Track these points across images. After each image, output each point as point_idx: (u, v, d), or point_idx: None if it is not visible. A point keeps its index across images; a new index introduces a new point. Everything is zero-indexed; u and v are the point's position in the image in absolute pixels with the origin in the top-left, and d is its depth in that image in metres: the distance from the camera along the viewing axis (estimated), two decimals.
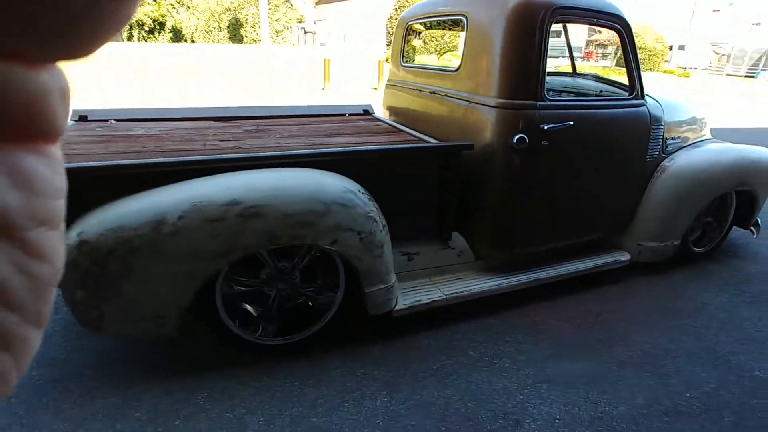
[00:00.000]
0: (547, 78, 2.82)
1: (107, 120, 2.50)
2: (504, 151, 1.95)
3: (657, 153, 2.45)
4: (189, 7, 21.49)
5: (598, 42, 33.60)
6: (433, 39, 15.41)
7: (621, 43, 2.18)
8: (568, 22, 2.08)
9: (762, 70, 22.77)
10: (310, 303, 1.90)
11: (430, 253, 2.13)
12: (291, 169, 1.67)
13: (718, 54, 25.01)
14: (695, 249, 2.80)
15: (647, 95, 2.47)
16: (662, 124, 2.40)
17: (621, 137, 2.23)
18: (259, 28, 21.41)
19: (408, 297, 1.99)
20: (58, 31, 0.13)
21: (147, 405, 1.58)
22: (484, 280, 2.16)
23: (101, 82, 8.83)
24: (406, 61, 2.79)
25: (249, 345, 1.79)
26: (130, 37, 20.28)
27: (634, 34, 2.27)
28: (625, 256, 2.52)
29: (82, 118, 2.48)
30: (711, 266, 2.81)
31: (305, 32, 23.79)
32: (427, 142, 2.19)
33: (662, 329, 2.13)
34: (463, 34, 2.12)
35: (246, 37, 21.77)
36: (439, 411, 1.60)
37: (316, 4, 25.45)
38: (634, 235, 2.54)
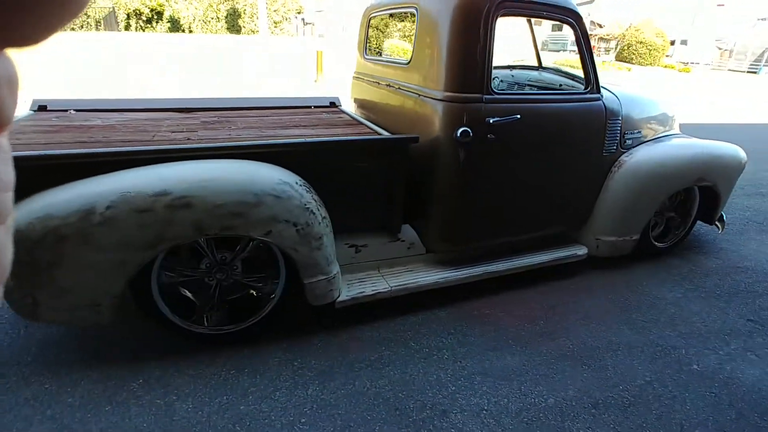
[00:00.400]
0: (510, 72, 2.84)
1: (67, 110, 2.51)
2: (449, 145, 1.95)
3: (614, 148, 2.44)
4: None
5: (601, 36, 33.32)
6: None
7: (575, 36, 2.16)
8: (516, 15, 2.06)
9: (765, 65, 22.52)
10: (254, 293, 1.92)
11: (378, 246, 2.14)
12: (225, 161, 1.68)
13: (720, 49, 24.73)
14: (657, 244, 2.81)
15: (606, 89, 2.47)
16: (620, 118, 2.39)
17: (573, 131, 2.23)
18: (257, 18, 21.29)
19: (353, 288, 2.01)
20: (5, 20, 0.13)
21: (81, 391, 1.61)
22: (433, 273, 2.17)
23: (96, 71, 8.83)
24: (369, 53, 2.78)
25: (189, 334, 1.81)
26: (127, 27, 20.22)
27: (634, 28, 2.25)
28: (582, 251, 2.52)
29: (42, 108, 2.49)
30: (672, 261, 2.81)
31: (304, 23, 23.64)
32: (380, 135, 2.19)
33: (609, 323, 2.14)
34: (415, 27, 2.11)
35: (244, 27, 21.67)
36: (369, 400, 1.62)
37: None
38: (592, 229, 2.54)
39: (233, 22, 21.84)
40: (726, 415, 1.62)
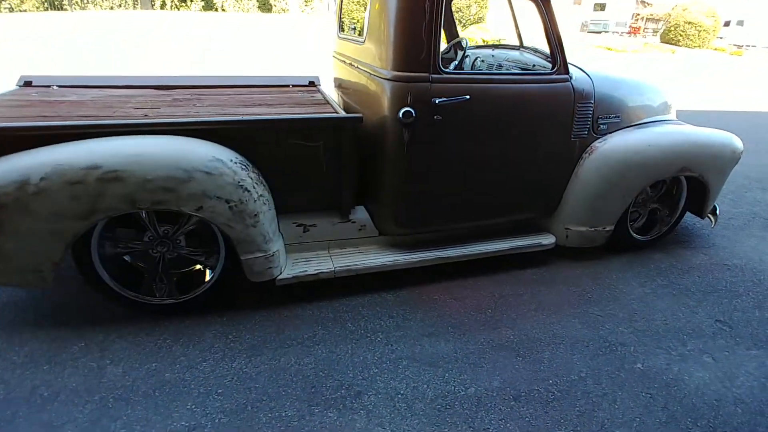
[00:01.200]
0: (492, 51, 2.73)
1: (50, 86, 2.62)
2: (394, 125, 1.91)
3: (586, 132, 2.31)
4: None
5: (650, 17, 31.25)
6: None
7: (540, 15, 2.05)
8: None
9: None
10: (199, 267, 1.98)
11: (328, 226, 2.15)
12: (161, 137, 1.72)
13: None
14: (637, 237, 2.67)
15: (581, 70, 2.33)
16: (592, 101, 2.26)
17: (534, 113, 2.12)
18: None
19: (297, 267, 2.03)
20: None
21: (27, 350, 1.72)
22: (382, 256, 2.16)
23: (120, 50, 9.14)
24: (342, 31, 2.74)
25: (132, 303, 1.89)
26: (163, 5, 20.67)
27: (682, 7, 2.10)
28: (548, 240, 2.44)
29: (27, 83, 2.61)
30: (653, 255, 2.67)
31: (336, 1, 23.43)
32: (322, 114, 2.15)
33: (560, 316, 2.07)
34: (368, 3, 2.06)
35: (275, 6, 21.70)
36: (289, 377, 1.65)
37: None
38: (562, 218, 2.44)
39: (264, 1, 21.90)
40: (655, 417, 1.55)
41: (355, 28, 3.12)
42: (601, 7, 28.67)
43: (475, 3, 15.92)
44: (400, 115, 1.86)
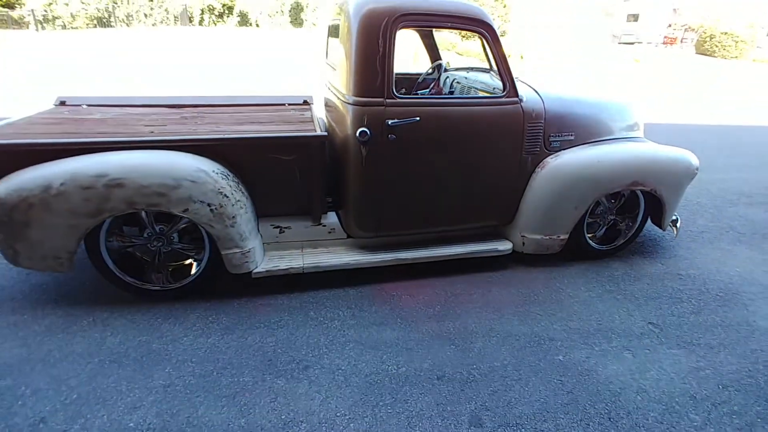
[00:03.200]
0: (465, 74, 3.01)
1: (80, 105, 3.09)
2: (354, 143, 2.22)
3: (537, 149, 2.55)
4: None
5: (687, 27, 30.30)
6: None
7: (487, 46, 2.32)
8: (418, 27, 2.25)
9: None
10: (189, 261, 2.35)
11: (301, 228, 2.47)
12: (156, 152, 2.09)
13: None
14: (594, 245, 2.86)
15: (536, 92, 2.57)
16: (542, 120, 2.50)
17: (484, 132, 2.38)
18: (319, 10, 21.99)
19: (271, 262, 2.37)
20: None
21: (47, 322, 2.12)
22: (347, 255, 2.47)
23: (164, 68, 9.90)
24: (327, 57, 3.09)
25: (133, 289, 2.27)
26: (201, 21, 21.93)
27: (716, 18, 2.30)
28: (505, 246, 2.68)
29: (62, 103, 3.10)
30: (611, 264, 2.86)
31: None
32: (293, 133, 2.46)
33: (502, 313, 2.31)
34: (339, 37, 2.39)
35: (306, 20, 22.63)
36: (252, 351, 1.97)
37: None
38: (519, 226, 2.68)
39: (296, 16, 22.87)
40: (558, 399, 1.78)
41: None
42: (635, 17, 28.12)
43: (499, 17, 16.14)
44: (357, 134, 2.17)
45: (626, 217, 2.90)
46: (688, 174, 2.78)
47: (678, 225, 2.97)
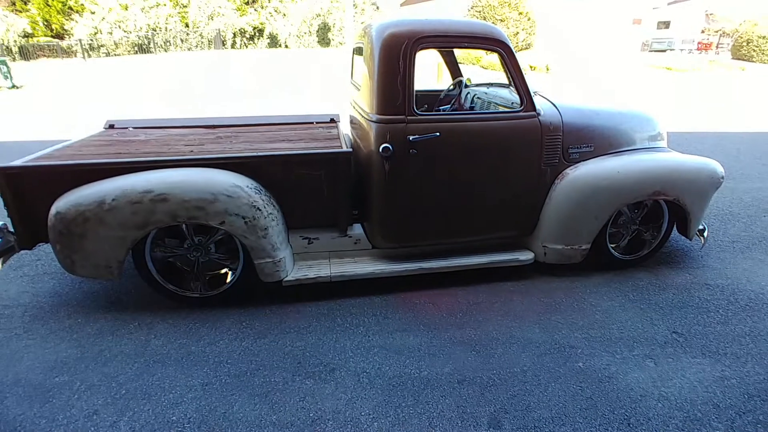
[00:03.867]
0: (486, 89, 3.12)
1: (127, 128, 3.37)
2: (378, 159, 2.35)
3: (556, 161, 2.61)
4: (285, 15, 23.54)
5: (723, 32, 29.35)
6: None
7: (502, 63, 2.42)
8: (436, 48, 2.37)
9: None
10: (225, 271, 2.52)
11: (329, 239, 2.61)
12: (196, 169, 2.28)
13: None
14: (618, 255, 2.86)
15: (553, 105, 2.64)
16: (560, 133, 2.56)
17: (502, 146, 2.46)
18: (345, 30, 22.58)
19: (300, 272, 2.50)
20: None
21: (98, 325, 2.32)
22: (372, 265, 2.58)
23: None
24: (352, 77, 3.26)
25: (175, 296, 2.45)
26: (234, 44, 22.94)
27: (752, 22, 2.35)
28: (526, 256, 2.73)
29: (111, 126, 3.39)
30: (636, 273, 2.85)
31: None
32: (320, 150, 2.60)
33: (523, 321, 2.35)
34: (363, 59, 2.54)
35: (333, 40, 23.30)
36: (283, 354, 2.10)
37: (402, 5, 26.16)
38: (540, 236, 2.73)
39: (323, 36, 23.60)
40: (577, 404, 1.81)
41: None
42: (666, 24, 27.50)
43: (523, 30, 16.19)
44: (381, 150, 2.30)
45: (650, 227, 2.90)
46: (712, 183, 2.76)
47: (705, 234, 2.94)
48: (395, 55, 2.25)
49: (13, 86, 12.75)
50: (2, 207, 2.20)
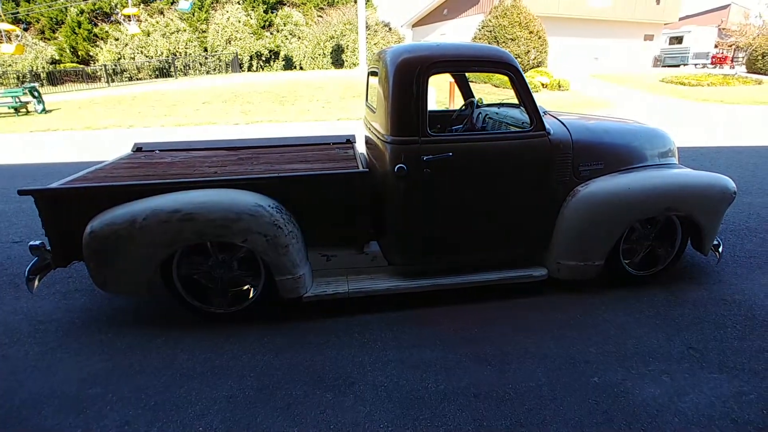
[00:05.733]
0: (497, 109, 3.22)
1: (153, 151, 3.54)
2: (392, 178, 2.44)
3: (567, 178, 2.67)
4: (299, 38, 24.21)
5: (738, 45, 29.13)
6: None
7: (512, 85, 2.51)
8: (448, 72, 2.48)
9: None
10: (247, 287, 2.61)
11: (346, 257, 2.69)
12: (220, 190, 2.40)
13: None
14: (632, 271, 2.88)
15: (562, 123, 2.72)
16: (570, 151, 2.63)
17: (513, 165, 2.54)
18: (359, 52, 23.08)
19: (319, 288, 2.59)
20: None
21: (128, 340, 2.43)
22: (388, 281, 2.65)
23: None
24: (367, 100, 3.38)
25: (199, 311, 2.55)
26: (250, 67, 23.64)
27: (765, 37, 2.42)
28: (539, 272, 2.77)
29: (138, 149, 3.56)
30: (652, 289, 2.86)
31: None
32: (339, 171, 2.70)
33: (538, 337, 2.39)
34: (378, 82, 2.67)
35: (346, 61, 23.83)
36: (303, 368, 2.17)
37: (413, 26, 26.72)
38: (553, 253, 2.77)
39: (337, 57, 24.15)
40: (593, 419, 1.84)
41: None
42: (678, 40, 27.45)
43: (534, 49, 16.37)
44: (395, 170, 2.40)
45: (664, 243, 2.92)
46: (724, 198, 2.78)
47: (720, 249, 2.94)
48: (409, 79, 2.37)
49: (44, 110, 13.34)
50: (40, 226, 2.34)
